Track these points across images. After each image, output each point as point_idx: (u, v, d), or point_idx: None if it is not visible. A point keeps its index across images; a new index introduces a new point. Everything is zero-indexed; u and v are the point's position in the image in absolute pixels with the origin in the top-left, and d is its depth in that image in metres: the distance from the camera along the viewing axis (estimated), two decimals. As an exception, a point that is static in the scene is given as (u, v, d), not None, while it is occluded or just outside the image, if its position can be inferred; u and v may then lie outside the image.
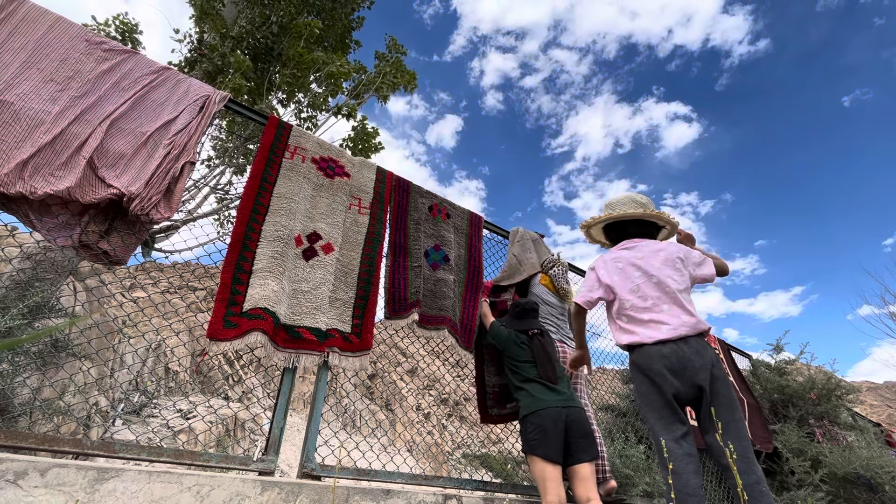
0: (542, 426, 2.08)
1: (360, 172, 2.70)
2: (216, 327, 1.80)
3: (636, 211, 2.24)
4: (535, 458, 2.03)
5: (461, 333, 2.79)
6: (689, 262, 2.12)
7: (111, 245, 1.89)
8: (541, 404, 2.15)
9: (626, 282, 2.07)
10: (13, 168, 1.61)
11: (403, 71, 7.51)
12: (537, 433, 2.07)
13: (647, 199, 2.30)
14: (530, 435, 2.09)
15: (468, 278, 2.99)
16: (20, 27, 1.87)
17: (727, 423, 1.78)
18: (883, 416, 29.46)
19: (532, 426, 2.11)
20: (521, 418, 2.21)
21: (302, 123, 7.12)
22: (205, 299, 16.59)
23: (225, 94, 2.33)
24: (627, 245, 2.22)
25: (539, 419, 2.10)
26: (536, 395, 2.20)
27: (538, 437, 2.05)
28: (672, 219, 2.25)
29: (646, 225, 2.27)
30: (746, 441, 1.79)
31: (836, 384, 4.54)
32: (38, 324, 2.39)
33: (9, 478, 1.17)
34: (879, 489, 3.46)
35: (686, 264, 2.11)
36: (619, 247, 2.25)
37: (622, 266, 2.12)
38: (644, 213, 2.23)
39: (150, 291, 11.65)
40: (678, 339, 1.87)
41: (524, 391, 2.26)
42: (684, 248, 2.18)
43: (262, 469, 1.75)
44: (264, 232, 2.11)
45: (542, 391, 2.21)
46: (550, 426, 2.07)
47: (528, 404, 2.18)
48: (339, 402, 16.93)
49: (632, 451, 3.02)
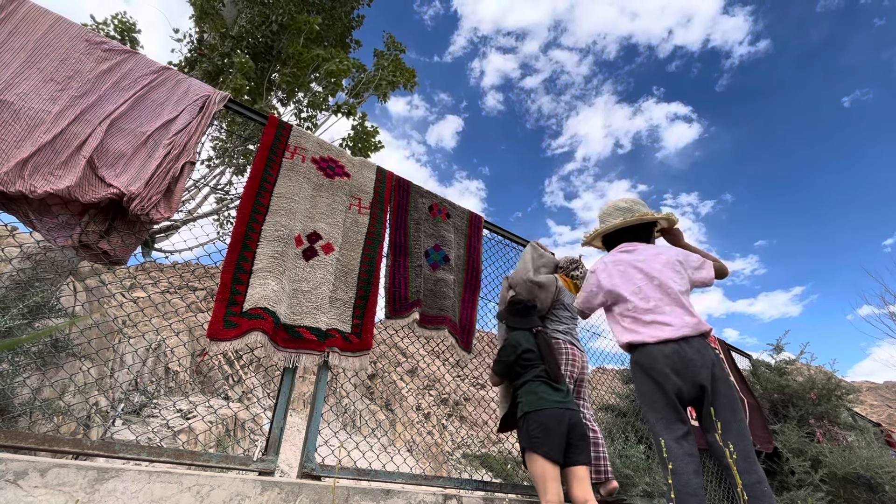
0: (545, 425, 2.06)
1: (360, 172, 2.70)
2: (216, 327, 1.80)
3: (617, 221, 2.28)
4: (537, 456, 2.01)
5: (460, 334, 2.79)
6: (688, 265, 2.14)
7: (111, 245, 1.88)
8: (545, 403, 2.13)
9: (629, 284, 2.08)
10: (13, 167, 1.61)
11: (402, 69, 7.50)
12: (540, 431, 2.05)
13: (629, 202, 2.31)
14: (533, 432, 2.07)
15: (466, 279, 2.99)
16: (20, 27, 1.87)
17: (728, 423, 1.78)
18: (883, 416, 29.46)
19: (535, 424, 2.09)
20: (522, 415, 2.19)
21: (302, 123, 7.11)
22: (205, 299, 16.59)
23: (225, 94, 2.32)
24: (627, 248, 2.24)
25: (542, 417, 2.09)
26: (541, 393, 2.18)
27: (541, 436, 2.04)
28: (655, 214, 2.26)
29: (635, 228, 2.29)
30: (748, 440, 1.79)
31: (836, 384, 4.54)
32: (38, 324, 2.38)
33: (9, 478, 1.17)
34: (879, 489, 3.46)
35: (685, 267, 2.12)
36: (618, 249, 2.27)
37: (623, 269, 2.14)
38: (624, 222, 2.27)
39: (150, 291, 11.64)
40: (680, 339, 1.88)
41: (528, 388, 2.23)
42: (683, 252, 2.20)
43: (262, 469, 1.75)
44: (264, 232, 2.11)
45: (547, 390, 2.19)
46: (554, 425, 2.05)
47: (532, 402, 2.16)
48: (339, 402, 16.93)
49: (632, 451, 3.02)
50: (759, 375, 4.94)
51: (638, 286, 2.06)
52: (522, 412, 2.18)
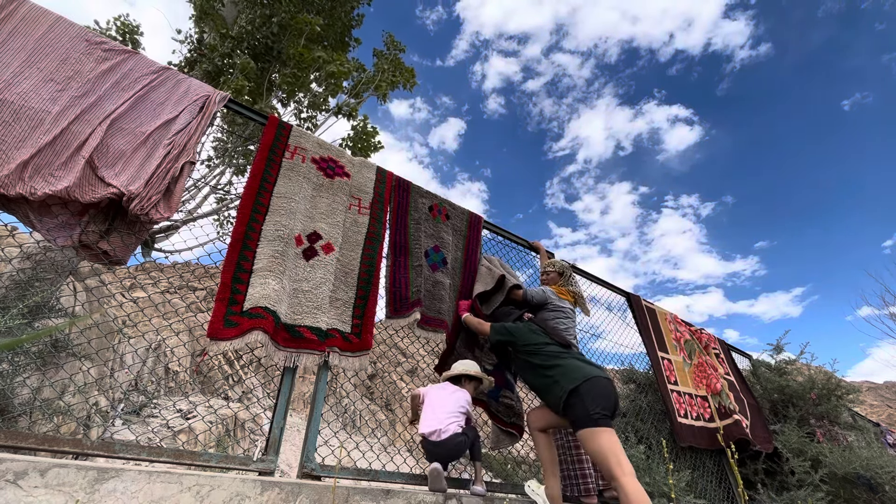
0: (600, 396, 1.96)
1: (359, 172, 2.70)
2: (217, 327, 1.80)
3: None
4: (604, 429, 1.89)
5: (454, 339, 2.78)
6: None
7: (111, 245, 1.88)
8: (590, 372, 2.04)
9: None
10: (14, 169, 1.61)
11: (402, 68, 7.50)
12: (597, 404, 1.93)
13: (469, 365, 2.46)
14: (591, 406, 1.93)
15: (462, 283, 2.98)
16: (20, 27, 1.87)
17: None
18: (883, 416, 29.47)
19: (590, 397, 1.95)
20: (567, 392, 2.02)
21: (302, 123, 7.11)
22: (205, 299, 16.57)
23: (225, 95, 2.32)
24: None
25: (594, 388, 1.98)
26: (579, 367, 2.08)
27: (598, 408, 1.93)
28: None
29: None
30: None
31: (837, 384, 4.53)
32: (38, 324, 2.38)
33: (9, 478, 1.17)
34: (879, 489, 3.45)
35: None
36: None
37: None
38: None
39: (150, 291, 11.64)
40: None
41: (560, 367, 2.13)
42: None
43: (262, 469, 1.75)
44: (264, 232, 2.11)
45: (581, 364, 2.11)
46: (606, 395, 1.97)
47: (574, 377, 2.04)
48: (339, 402, 16.92)
49: (632, 451, 3.01)
50: (759, 375, 4.94)
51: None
52: (567, 390, 2.02)
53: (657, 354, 3.99)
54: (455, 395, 2.24)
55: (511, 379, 2.83)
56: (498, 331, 2.47)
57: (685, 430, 3.60)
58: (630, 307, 4.37)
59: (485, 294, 2.93)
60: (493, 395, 2.70)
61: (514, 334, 2.40)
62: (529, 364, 2.28)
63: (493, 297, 2.93)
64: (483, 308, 2.87)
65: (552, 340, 2.30)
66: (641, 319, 4.21)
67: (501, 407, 2.68)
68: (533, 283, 3.59)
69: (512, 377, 2.84)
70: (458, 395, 2.26)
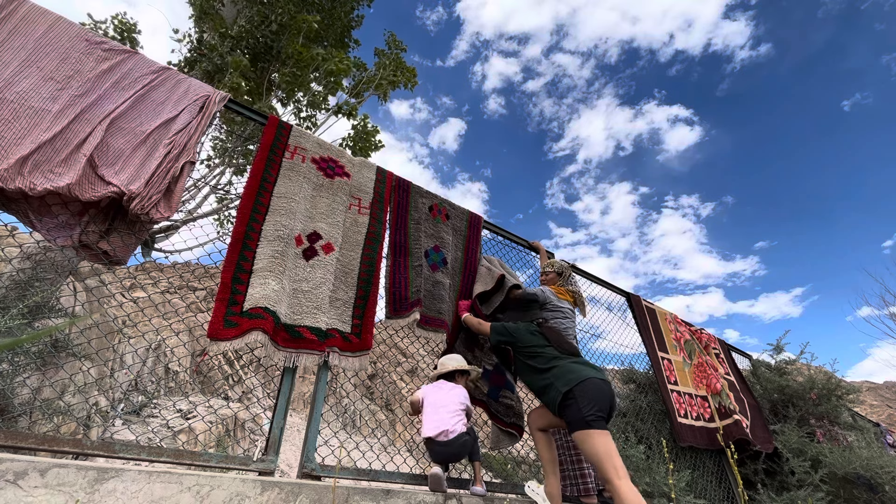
0: (595, 399, 1.96)
1: (359, 172, 2.70)
2: (216, 327, 1.80)
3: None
4: (599, 432, 1.89)
5: (454, 339, 2.78)
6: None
7: (111, 245, 1.88)
8: (584, 374, 2.04)
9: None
10: (13, 164, 1.60)
11: (403, 68, 7.50)
12: (592, 406, 1.93)
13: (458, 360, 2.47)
14: (584, 409, 1.93)
15: (462, 283, 2.98)
16: (20, 26, 1.87)
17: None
18: (883, 416, 29.48)
19: (585, 400, 1.95)
20: (561, 394, 2.02)
21: (301, 123, 7.11)
22: (205, 299, 16.57)
23: (225, 94, 2.32)
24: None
25: (588, 390, 1.98)
26: (574, 369, 2.08)
27: (593, 410, 1.93)
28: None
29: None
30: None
31: (837, 384, 4.53)
32: (38, 324, 2.38)
33: (9, 478, 1.17)
34: (879, 489, 3.45)
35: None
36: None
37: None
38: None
39: (150, 291, 11.64)
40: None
41: (556, 369, 2.13)
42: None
43: (262, 469, 1.75)
44: (264, 231, 2.11)
45: (577, 366, 2.11)
46: (601, 397, 1.97)
47: (569, 379, 2.03)
48: (339, 402, 16.92)
49: (632, 451, 3.01)
50: (759, 375, 4.94)
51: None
52: (561, 392, 2.03)
53: (657, 354, 3.99)
54: (453, 393, 2.26)
55: (511, 379, 2.82)
56: (498, 331, 2.47)
57: (685, 430, 3.60)
58: (630, 307, 4.37)
59: (485, 294, 2.93)
60: (493, 396, 2.71)
61: (513, 335, 2.40)
62: (528, 365, 2.29)
63: (493, 297, 2.93)
64: (483, 308, 2.87)
65: (549, 344, 2.31)
66: (641, 319, 4.21)
67: (501, 407, 2.68)
68: (533, 283, 3.59)
69: (512, 377, 2.84)
70: (455, 391, 2.27)
